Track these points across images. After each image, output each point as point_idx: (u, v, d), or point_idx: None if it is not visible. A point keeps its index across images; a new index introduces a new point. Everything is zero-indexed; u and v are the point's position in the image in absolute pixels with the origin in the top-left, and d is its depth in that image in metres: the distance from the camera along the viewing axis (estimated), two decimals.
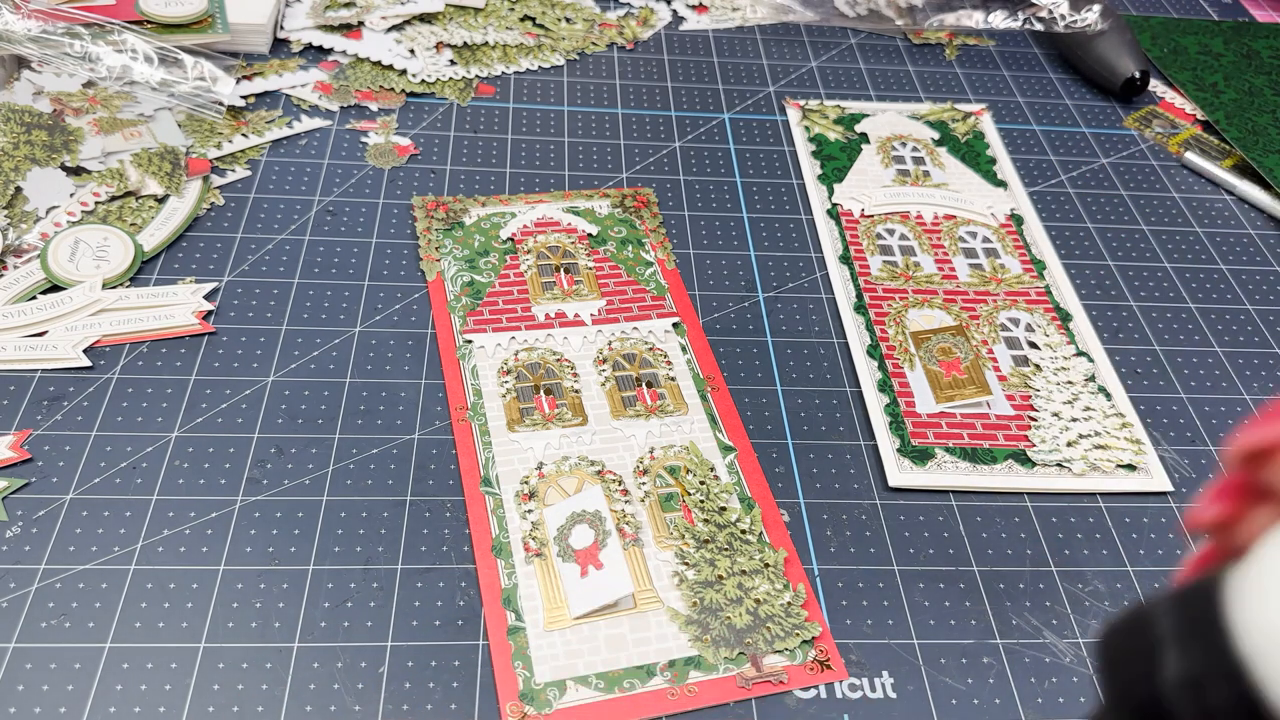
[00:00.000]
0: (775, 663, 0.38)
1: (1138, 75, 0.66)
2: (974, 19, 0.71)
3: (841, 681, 0.38)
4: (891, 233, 0.56)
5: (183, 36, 0.59)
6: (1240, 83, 0.69)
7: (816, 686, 0.38)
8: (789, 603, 0.40)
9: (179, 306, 0.47)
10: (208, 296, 0.48)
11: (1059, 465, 0.46)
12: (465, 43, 0.65)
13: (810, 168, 0.60)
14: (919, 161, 0.61)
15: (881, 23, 0.72)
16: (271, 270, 0.50)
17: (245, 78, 0.60)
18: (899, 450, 0.45)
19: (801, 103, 0.64)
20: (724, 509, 0.42)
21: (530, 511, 0.41)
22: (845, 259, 0.54)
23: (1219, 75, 0.70)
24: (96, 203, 0.51)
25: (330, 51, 0.64)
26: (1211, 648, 0.15)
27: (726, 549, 0.41)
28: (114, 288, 0.48)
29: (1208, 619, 0.16)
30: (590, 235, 0.54)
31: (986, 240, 0.56)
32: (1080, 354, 0.50)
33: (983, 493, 0.45)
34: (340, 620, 0.38)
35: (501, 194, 0.56)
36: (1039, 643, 0.40)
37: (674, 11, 0.72)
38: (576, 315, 0.49)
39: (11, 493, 0.40)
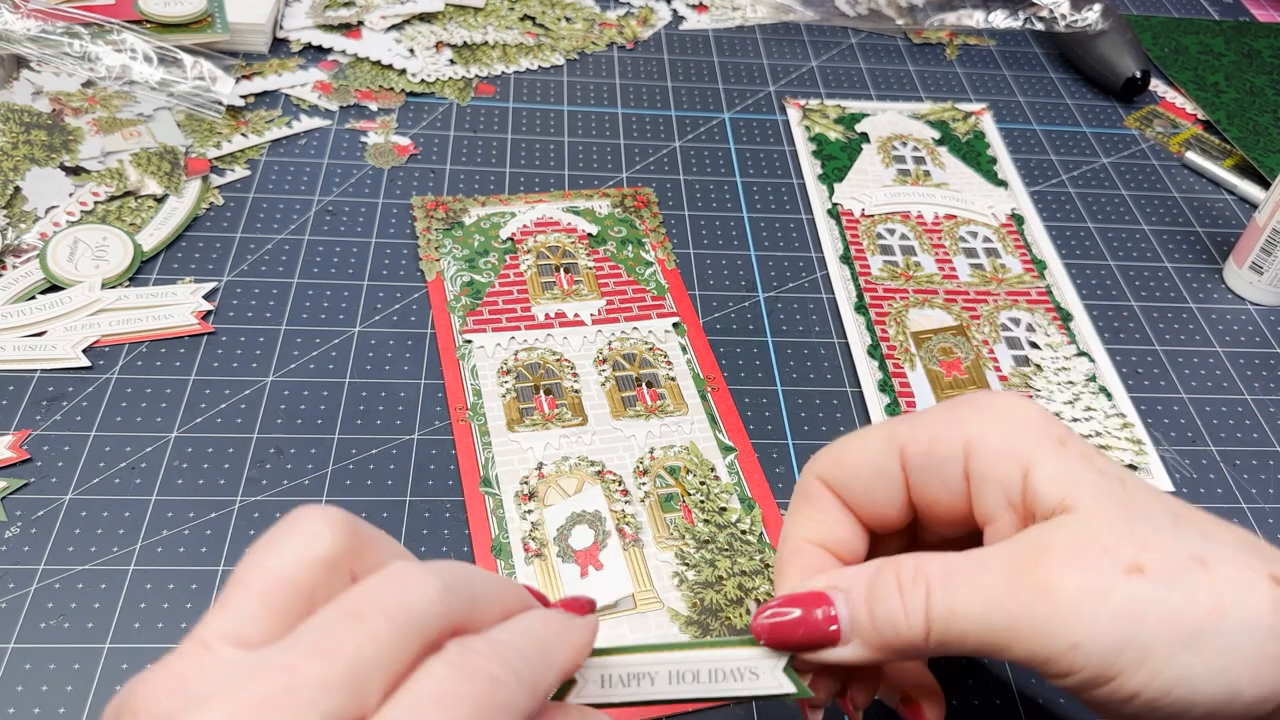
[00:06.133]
0: None
1: (1138, 75, 0.66)
2: (974, 19, 0.71)
3: None
4: (892, 232, 0.56)
5: (182, 36, 0.59)
6: (1241, 82, 0.69)
7: None
8: None
9: (178, 306, 0.47)
10: (207, 296, 0.48)
11: None
12: (465, 42, 0.65)
13: (810, 167, 0.60)
14: (919, 161, 0.61)
15: (882, 22, 0.72)
16: (271, 270, 0.50)
17: (245, 77, 0.60)
18: None
19: (802, 102, 0.64)
20: (724, 509, 0.42)
21: (530, 512, 0.41)
22: (846, 259, 0.54)
23: (1220, 75, 0.70)
24: (96, 202, 0.51)
25: (330, 51, 0.64)
26: None
27: (727, 549, 0.41)
28: (113, 288, 0.48)
29: None
30: (590, 235, 0.54)
31: (987, 240, 0.56)
32: (1081, 354, 0.50)
33: None
34: None
35: (501, 194, 0.56)
36: None
37: (674, 11, 0.71)
38: (576, 315, 0.49)
39: (11, 493, 0.40)
